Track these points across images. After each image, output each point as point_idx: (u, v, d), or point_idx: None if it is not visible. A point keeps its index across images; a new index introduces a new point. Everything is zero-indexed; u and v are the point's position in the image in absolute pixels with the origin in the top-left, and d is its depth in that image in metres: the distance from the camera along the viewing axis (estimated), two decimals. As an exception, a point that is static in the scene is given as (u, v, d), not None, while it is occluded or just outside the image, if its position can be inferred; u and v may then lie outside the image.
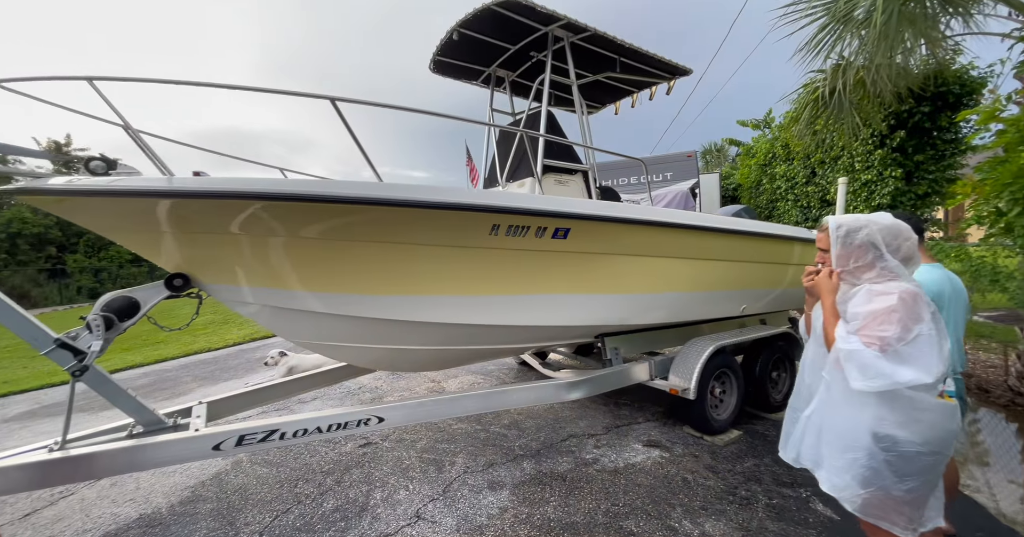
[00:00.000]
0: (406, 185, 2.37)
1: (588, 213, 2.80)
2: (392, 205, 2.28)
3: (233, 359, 7.06)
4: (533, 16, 3.46)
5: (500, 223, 2.53)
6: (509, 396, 3.01)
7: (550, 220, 2.65)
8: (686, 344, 3.68)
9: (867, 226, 1.53)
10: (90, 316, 2.25)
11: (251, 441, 2.41)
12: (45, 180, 2.07)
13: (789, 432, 1.83)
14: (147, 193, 2.10)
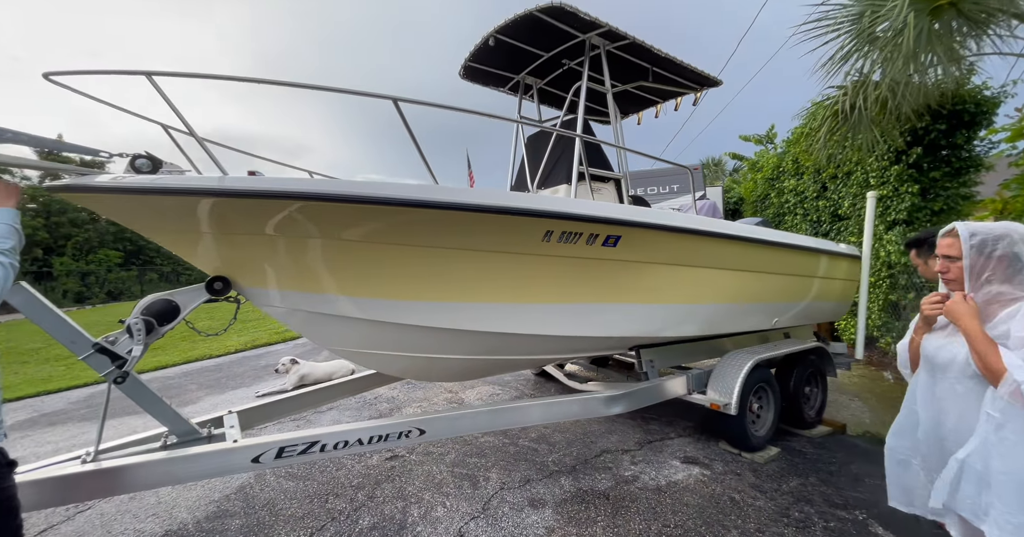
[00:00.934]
0: (464, 189, 2.31)
1: (647, 221, 2.75)
2: (455, 209, 2.21)
3: (237, 366, 6.87)
4: (574, 23, 3.44)
5: (555, 229, 2.45)
6: (551, 409, 2.91)
7: (605, 227, 2.58)
8: (723, 358, 3.61)
9: (1008, 235, 1.40)
10: (131, 319, 2.14)
11: (291, 453, 2.29)
12: (93, 177, 1.98)
13: (898, 475, 1.70)
14: (209, 192, 2.02)
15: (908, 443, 1.68)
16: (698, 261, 3.20)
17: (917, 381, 1.67)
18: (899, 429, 1.72)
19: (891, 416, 1.79)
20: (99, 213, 2.22)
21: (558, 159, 3.81)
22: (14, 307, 2.03)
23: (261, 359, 7.25)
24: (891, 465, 1.74)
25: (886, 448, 1.76)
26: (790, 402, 3.82)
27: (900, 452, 1.70)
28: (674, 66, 4.05)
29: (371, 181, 2.53)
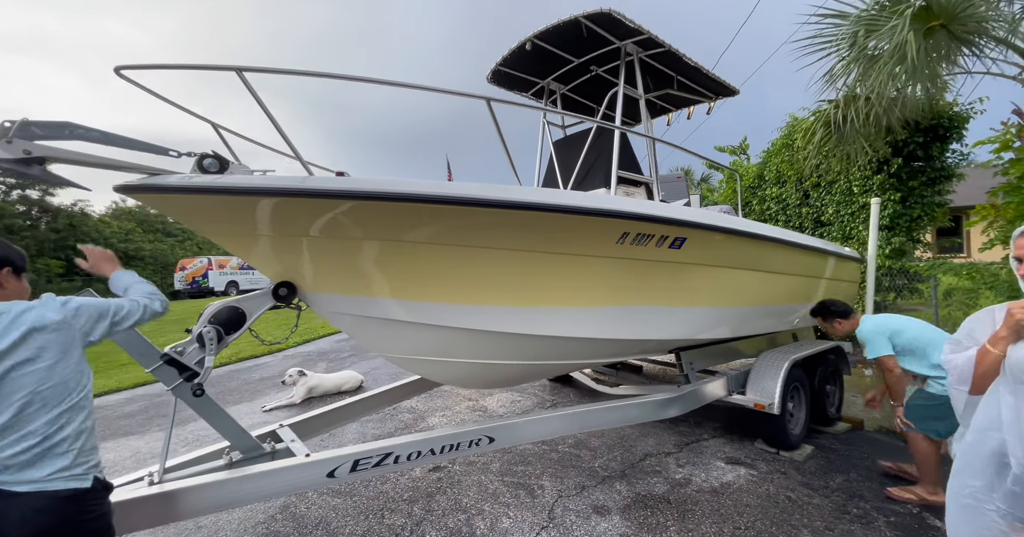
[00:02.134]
0: (545, 189, 2.27)
1: (715, 224, 2.81)
2: (545, 210, 2.16)
3: (228, 380, 6.45)
4: (616, 30, 3.48)
5: (632, 231, 2.45)
6: (611, 414, 2.88)
7: (676, 229, 2.60)
8: (759, 359, 3.70)
9: None
10: (201, 328, 1.99)
11: (365, 466, 2.17)
12: (166, 177, 1.83)
13: (965, 523, 1.45)
14: (303, 193, 1.90)
15: (981, 483, 1.40)
16: (744, 263, 3.28)
17: (999, 403, 1.39)
18: (966, 465, 1.46)
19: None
20: (165, 214, 2.06)
21: (594, 163, 3.82)
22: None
23: (252, 372, 6.84)
24: (956, 510, 1.48)
25: (949, 490, 1.52)
26: (815, 400, 3.95)
27: (969, 495, 1.43)
28: (700, 75, 4.17)
29: (443, 182, 2.45)
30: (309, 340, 9.00)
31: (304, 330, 9.89)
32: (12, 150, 1.57)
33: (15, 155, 1.57)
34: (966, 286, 5.44)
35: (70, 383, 1.42)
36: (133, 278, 1.85)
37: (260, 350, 8.29)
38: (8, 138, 1.56)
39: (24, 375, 1.34)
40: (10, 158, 1.58)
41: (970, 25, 4.49)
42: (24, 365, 1.35)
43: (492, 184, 2.20)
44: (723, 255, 3.08)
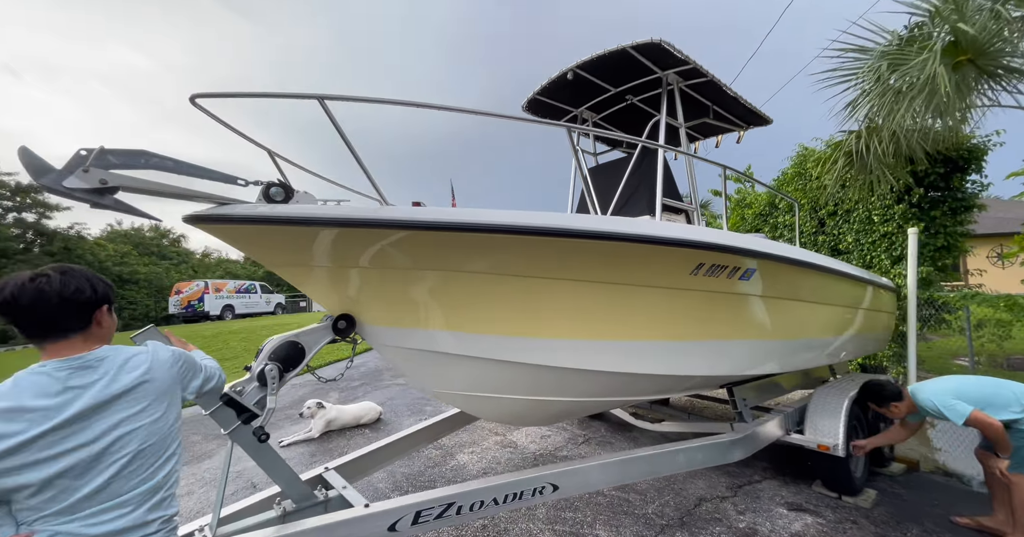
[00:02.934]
0: (626, 219, 2.16)
1: (786, 255, 2.72)
2: (629, 240, 2.05)
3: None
4: (662, 60, 3.48)
5: (707, 261, 2.32)
6: (677, 458, 2.69)
7: (748, 260, 2.48)
8: (813, 395, 3.52)
9: None
10: (263, 366, 1.84)
11: (427, 518, 1.98)
12: (236, 206, 1.73)
13: None
14: (382, 224, 1.80)
15: None
16: (801, 295, 3.15)
17: None
18: None
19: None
20: (230, 244, 1.95)
21: (635, 190, 3.75)
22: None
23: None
24: None
25: None
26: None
27: None
28: (737, 105, 4.17)
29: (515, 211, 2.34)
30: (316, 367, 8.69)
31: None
32: (88, 179, 1.48)
33: (91, 184, 1.48)
34: (1004, 318, 5.33)
35: (168, 443, 1.28)
36: (202, 354, 1.76)
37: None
38: (85, 167, 1.46)
39: (130, 431, 1.20)
40: (86, 187, 1.48)
41: (998, 60, 4.57)
42: (132, 419, 1.21)
43: (562, 213, 2.09)
44: (786, 287, 2.96)
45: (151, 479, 1.24)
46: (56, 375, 1.15)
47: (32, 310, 1.15)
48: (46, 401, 1.11)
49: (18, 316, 1.16)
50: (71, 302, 1.18)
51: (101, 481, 1.14)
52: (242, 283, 25.32)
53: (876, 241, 7.22)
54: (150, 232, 39.49)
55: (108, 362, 1.22)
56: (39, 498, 1.09)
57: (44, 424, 1.09)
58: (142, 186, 1.63)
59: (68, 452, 1.11)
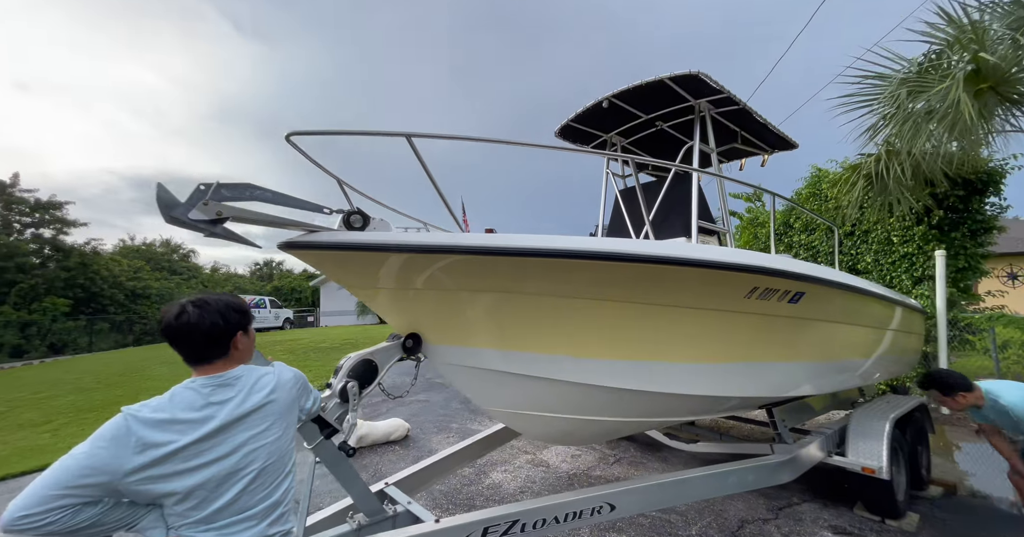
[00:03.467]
0: (694, 245, 2.26)
1: (833, 279, 2.79)
2: (691, 265, 2.13)
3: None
4: (697, 90, 3.62)
5: (761, 285, 2.40)
6: (729, 478, 2.70)
7: (798, 283, 2.56)
8: (853, 417, 3.53)
9: None
10: (343, 382, 1.94)
11: (494, 534, 2.03)
12: (335, 233, 1.88)
13: None
14: (460, 250, 1.91)
15: None
16: (840, 317, 3.20)
17: None
18: None
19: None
20: (315, 267, 2.09)
21: (668, 212, 3.85)
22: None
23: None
24: None
25: None
26: (909, 462, 3.73)
27: None
28: (766, 130, 4.30)
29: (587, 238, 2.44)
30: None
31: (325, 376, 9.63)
32: (208, 212, 1.62)
33: (209, 216, 1.62)
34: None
35: (286, 461, 1.36)
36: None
37: None
38: (205, 200, 1.60)
39: (256, 448, 1.29)
40: (205, 219, 1.61)
41: (1017, 87, 4.69)
42: (258, 437, 1.30)
43: (629, 239, 2.19)
44: (828, 310, 3.02)
45: (272, 495, 1.32)
46: (202, 391, 1.26)
47: (181, 344, 1.29)
48: (193, 414, 1.22)
49: (174, 345, 1.30)
50: (210, 336, 1.30)
51: (232, 495, 1.22)
52: (252, 298, 25.50)
53: (896, 261, 7.26)
54: (161, 248, 40.04)
55: (242, 381, 1.32)
56: (184, 506, 1.18)
57: (190, 435, 1.19)
58: (248, 216, 1.76)
59: (207, 464, 1.20)
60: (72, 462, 1.10)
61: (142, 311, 28.96)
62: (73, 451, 1.12)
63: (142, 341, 25.33)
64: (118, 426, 1.15)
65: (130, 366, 12.24)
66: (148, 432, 1.15)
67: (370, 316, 25.70)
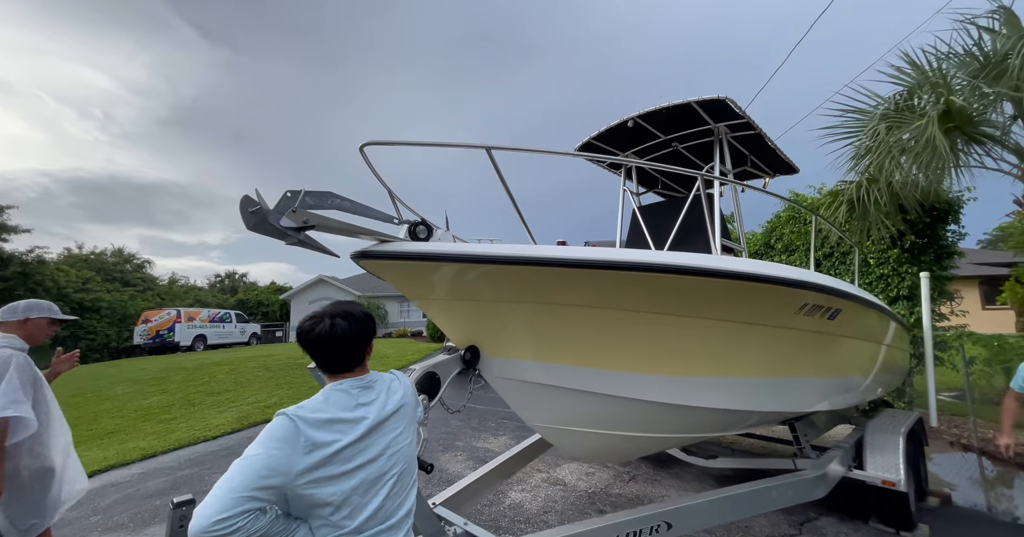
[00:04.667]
0: (753, 261, 2.33)
1: (866, 298, 2.94)
2: (754, 280, 2.20)
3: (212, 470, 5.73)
4: (719, 114, 3.81)
5: (811, 301, 2.51)
6: (771, 494, 2.75)
7: (838, 300, 2.68)
8: (868, 431, 3.69)
9: None
10: (424, 400, 1.87)
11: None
12: (400, 243, 1.86)
13: None
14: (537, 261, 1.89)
15: None
16: (864, 334, 3.38)
17: None
18: None
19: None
20: (384, 278, 2.04)
21: (689, 230, 3.98)
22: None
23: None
24: None
25: None
26: (914, 474, 3.91)
27: None
28: (774, 156, 4.56)
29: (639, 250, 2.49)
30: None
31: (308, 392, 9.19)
32: (296, 219, 1.57)
33: (297, 223, 1.58)
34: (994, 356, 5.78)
35: (414, 468, 1.35)
36: None
37: (214, 430, 7.17)
38: (295, 208, 1.57)
39: (396, 451, 1.30)
40: (293, 226, 1.57)
41: (979, 128, 5.21)
42: (397, 440, 1.31)
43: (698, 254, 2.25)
44: (855, 327, 3.18)
45: (406, 503, 1.33)
46: (351, 392, 1.29)
47: (331, 353, 1.31)
48: (349, 414, 1.24)
49: (319, 354, 1.32)
50: (357, 345, 1.33)
51: (379, 501, 1.22)
52: (216, 312, 24.16)
53: (873, 282, 7.74)
54: (112, 257, 37.60)
55: (379, 384, 1.37)
56: (339, 515, 1.16)
57: (350, 435, 1.21)
58: (331, 225, 1.71)
59: (362, 466, 1.20)
60: (252, 463, 1.09)
61: (90, 326, 26.87)
62: (247, 454, 1.12)
63: (88, 358, 23.44)
64: (287, 427, 1.15)
65: (82, 387, 11.27)
66: (315, 432, 1.16)
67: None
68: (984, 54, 5.30)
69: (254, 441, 1.15)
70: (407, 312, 26.69)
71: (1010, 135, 5.48)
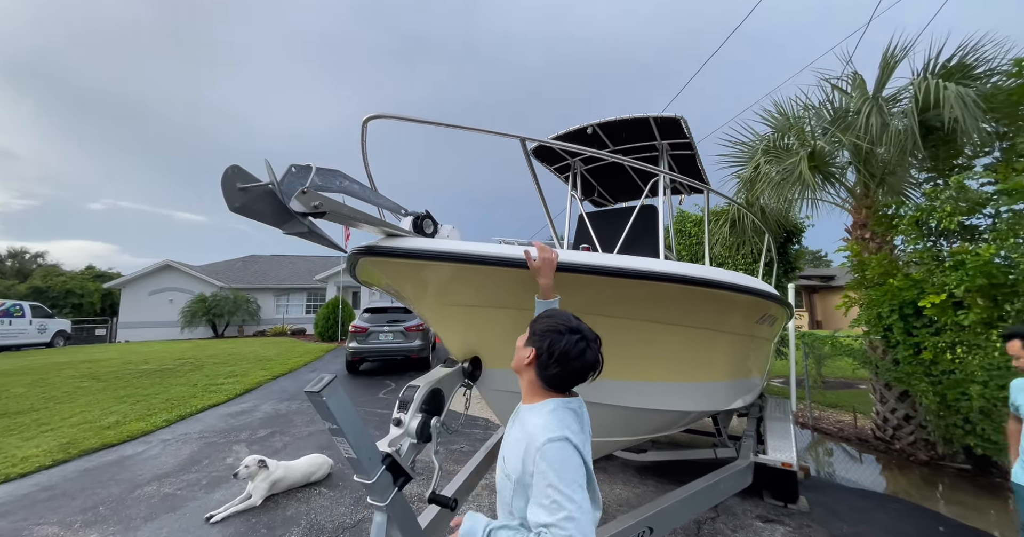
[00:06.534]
0: (744, 276, 2.46)
1: (788, 301, 3.30)
2: (749, 293, 2.33)
3: (105, 486, 4.45)
4: (668, 131, 4.05)
5: (768, 311, 2.76)
6: (720, 486, 3.01)
7: (776, 308, 3.00)
8: (767, 421, 4.27)
9: None
10: (426, 419, 1.62)
11: None
12: (410, 238, 1.58)
13: None
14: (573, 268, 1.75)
15: None
16: (773, 336, 3.89)
17: None
18: None
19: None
20: (388, 279, 1.68)
21: (635, 239, 4.18)
22: (324, 409, 1.35)
23: (129, 468, 4.88)
24: None
25: None
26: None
27: None
28: (697, 174, 5.03)
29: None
30: (184, 417, 6.89)
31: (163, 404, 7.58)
32: (304, 202, 1.20)
33: (307, 208, 1.21)
34: (827, 353, 7.27)
35: None
36: None
37: (109, 438, 5.90)
38: (305, 187, 1.20)
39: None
40: (304, 211, 1.20)
41: (829, 168, 6.49)
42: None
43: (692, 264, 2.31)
44: (774, 330, 3.64)
45: None
46: (579, 412, 1.30)
47: (584, 376, 1.30)
48: (583, 435, 1.26)
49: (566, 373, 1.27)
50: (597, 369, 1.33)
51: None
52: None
53: (739, 290, 9.18)
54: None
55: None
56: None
57: (590, 453, 1.24)
58: (343, 213, 1.36)
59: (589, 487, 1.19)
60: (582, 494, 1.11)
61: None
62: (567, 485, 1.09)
63: None
64: (571, 451, 1.15)
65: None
66: (585, 453, 1.20)
67: (201, 328, 21.14)
68: (834, 108, 6.60)
69: (554, 484, 1.08)
70: (285, 307, 23.74)
71: (846, 176, 6.93)
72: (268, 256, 29.13)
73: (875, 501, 4.28)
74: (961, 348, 4.89)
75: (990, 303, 4.46)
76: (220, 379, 9.50)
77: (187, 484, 4.27)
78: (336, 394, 1.43)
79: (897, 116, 5.67)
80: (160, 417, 6.63)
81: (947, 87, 5.01)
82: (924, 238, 5.35)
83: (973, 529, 3.72)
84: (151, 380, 9.52)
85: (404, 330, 9.45)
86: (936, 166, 5.96)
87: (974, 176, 4.94)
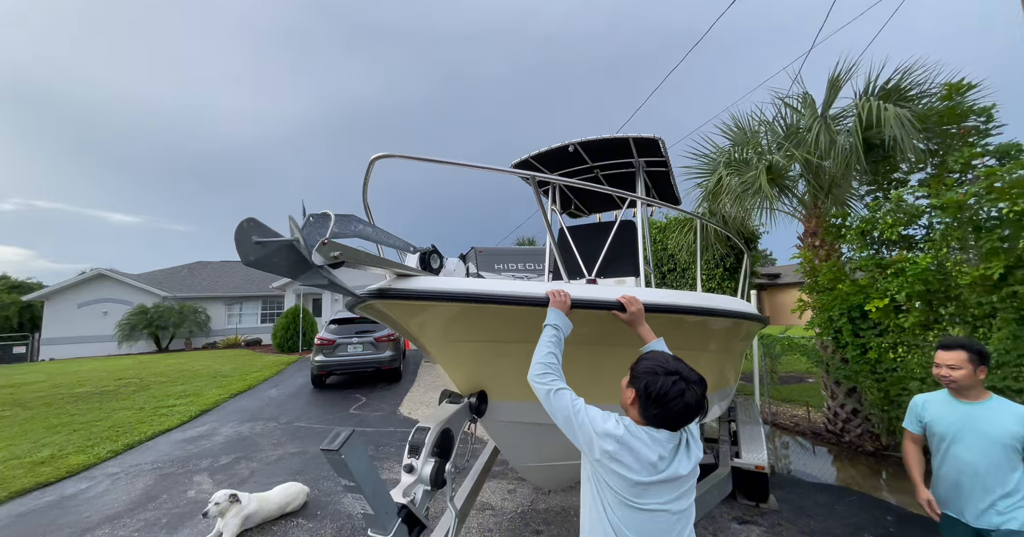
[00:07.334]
0: (740, 301, 2.57)
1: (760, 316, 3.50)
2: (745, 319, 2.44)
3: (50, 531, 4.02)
4: (646, 150, 4.18)
5: (749, 329, 2.90)
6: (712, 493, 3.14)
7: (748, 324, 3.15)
8: (740, 426, 4.48)
9: None
10: (440, 464, 1.58)
11: None
12: (418, 279, 1.56)
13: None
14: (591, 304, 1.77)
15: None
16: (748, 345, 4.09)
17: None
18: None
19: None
20: (397, 319, 1.63)
21: (616, 252, 4.29)
22: (342, 467, 1.29)
23: (74, 508, 4.43)
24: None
25: None
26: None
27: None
28: (670, 190, 5.21)
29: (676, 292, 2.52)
30: (133, 445, 6.35)
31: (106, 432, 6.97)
32: (324, 253, 1.16)
33: (327, 258, 1.17)
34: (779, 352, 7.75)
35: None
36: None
37: (46, 475, 5.36)
38: (326, 238, 1.16)
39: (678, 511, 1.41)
40: (324, 264, 1.16)
41: (784, 181, 6.93)
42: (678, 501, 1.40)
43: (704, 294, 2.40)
44: (750, 340, 3.82)
45: None
46: (666, 444, 1.36)
47: (684, 420, 1.38)
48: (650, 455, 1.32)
49: (663, 413, 1.34)
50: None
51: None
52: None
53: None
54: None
55: (682, 445, 1.41)
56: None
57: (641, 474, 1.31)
58: (360, 258, 1.32)
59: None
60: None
61: None
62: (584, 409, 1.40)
63: None
64: (613, 417, 1.39)
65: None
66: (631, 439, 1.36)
67: (141, 342, 19.57)
68: (787, 125, 7.05)
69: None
70: (238, 316, 22.40)
71: (798, 187, 7.42)
72: (217, 262, 27.39)
73: (834, 494, 4.60)
74: (902, 348, 5.36)
75: (927, 307, 4.91)
76: (171, 400, 8.84)
77: (145, 524, 3.95)
78: (355, 450, 1.37)
79: (843, 134, 6.13)
80: (104, 447, 6.08)
81: (887, 108, 5.48)
82: (868, 247, 5.81)
83: (917, 516, 4.08)
84: (89, 405, 8.71)
85: (374, 341, 9.18)
86: (876, 179, 6.49)
87: (911, 191, 5.43)
